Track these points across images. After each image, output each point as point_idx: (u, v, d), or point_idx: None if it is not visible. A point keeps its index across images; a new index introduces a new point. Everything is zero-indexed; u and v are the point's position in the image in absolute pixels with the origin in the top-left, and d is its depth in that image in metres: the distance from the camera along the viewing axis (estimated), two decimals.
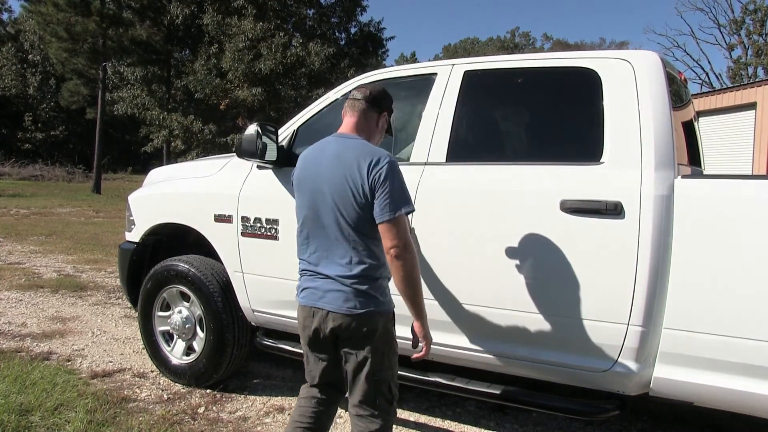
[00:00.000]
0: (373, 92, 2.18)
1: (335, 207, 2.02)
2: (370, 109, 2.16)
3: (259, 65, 21.32)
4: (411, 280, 1.95)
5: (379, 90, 2.22)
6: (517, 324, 2.62)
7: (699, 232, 2.31)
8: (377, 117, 2.18)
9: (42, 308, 5.40)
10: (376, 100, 2.17)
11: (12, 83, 36.05)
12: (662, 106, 2.48)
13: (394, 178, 1.96)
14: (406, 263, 1.92)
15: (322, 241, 2.07)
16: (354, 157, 2.00)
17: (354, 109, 2.16)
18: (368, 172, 1.96)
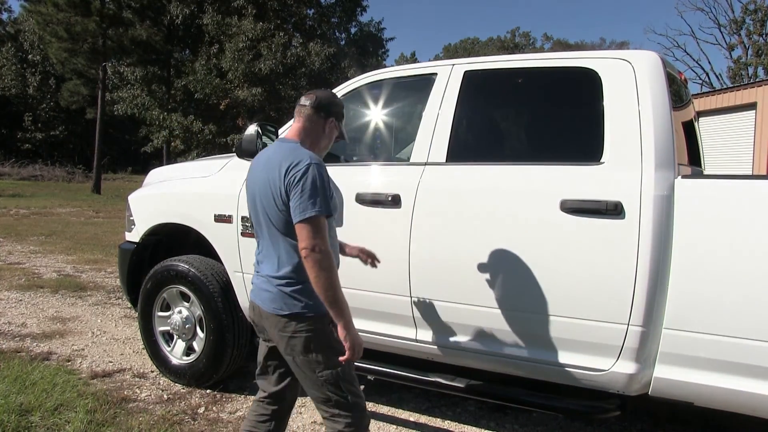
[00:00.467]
0: (319, 98, 2.22)
1: (264, 210, 2.09)
2: (315, 114, 2.18)
3: (259, 65, 21.33)
4: (323, 282, 1.92)
5: (327, 96, 2.25)
6: (517, 324, 2.62)
7: (699, 232, 2.31)
8: (323, 123, 2.20)
9: (42, 308, 5.40)
10: (322, 105, 2.19)
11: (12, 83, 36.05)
12: (662, 106, 2.48)
13: (307, 180, 1.96)
14: (316, 265, 1.91)
15: (263, 241, 2.16)
16: (278, 161, 2.04)
17: (299, 115, 2.21)
18: (285, 174, 2.00)
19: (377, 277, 2.94)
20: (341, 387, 2.06)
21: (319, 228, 1.94)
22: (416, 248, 2.81)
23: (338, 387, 2.06)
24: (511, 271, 2.62)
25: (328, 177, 2.04)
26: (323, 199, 1.97)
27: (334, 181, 2.18)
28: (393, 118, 3.48)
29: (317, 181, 1.97)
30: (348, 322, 1.97)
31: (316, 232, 1.93)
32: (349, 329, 1.97)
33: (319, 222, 1.95)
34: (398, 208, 2.87)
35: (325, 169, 2.03)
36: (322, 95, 2.24)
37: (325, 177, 2.01)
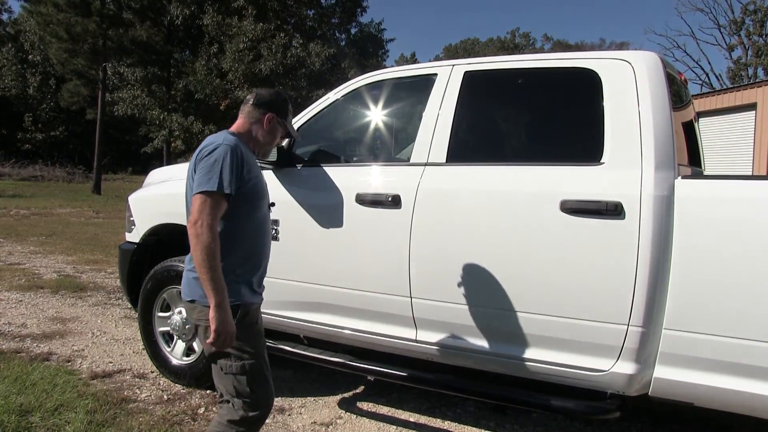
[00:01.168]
0: (260, 94, 2.27)
1: (185, 196, 2.14)
2: (254, 110, 2.22)
3: (259, 66, 21.33)
4: (198, 257, 1.91)
5: (268, 93, 2.29)
6: (516, 324, 2.62)
7: (699, 233, 2.31)
8: (261, 118, 2.22)
9: (42, 309, 5.40)
10: (261, 101, 2.23)
11: (12, 83, 36.03)
12: (662, 106, 2.48)
13: (212, 157, 1.99)
14: (194, 238, 1.91)
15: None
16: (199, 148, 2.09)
17: (242, 112, 2.26)
18: (198, 153, 2.05)
19: (377, 278, 2.94)
20: (239, 380, 2.05)
21: (209, 204, 1.93)
22: (416, 248, 2.82)
23: (236, 380, 2.06)
24: (511, 272, 2.62)
25: (241, 160, 2.03)
26: (222, 177, 1.95)
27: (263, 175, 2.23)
28: (393, 119, 3.48)
29: (222, 160, 1.98)
30: (218, 306, 1.91)
31: (204, 207, 1.93)
32: (218, 314, 1.91)
33: (211, 198, 1.94)
34: (398, 209, 2.87)
35: (240, 152, 2.04)
36: (263, 92, 2.29)
37: (234, 158, 2.00)
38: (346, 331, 3.10)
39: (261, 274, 2.24)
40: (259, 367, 2.12)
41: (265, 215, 2.24)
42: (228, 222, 2.05)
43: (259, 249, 2.19)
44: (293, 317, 3.27)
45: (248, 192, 2.08)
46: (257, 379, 2.11)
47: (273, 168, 3.27)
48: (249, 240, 2.14)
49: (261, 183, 2.19)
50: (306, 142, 3.42)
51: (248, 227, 2.13)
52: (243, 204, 2.08)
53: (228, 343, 1.97)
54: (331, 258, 3.08)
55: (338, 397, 3.58)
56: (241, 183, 2.04)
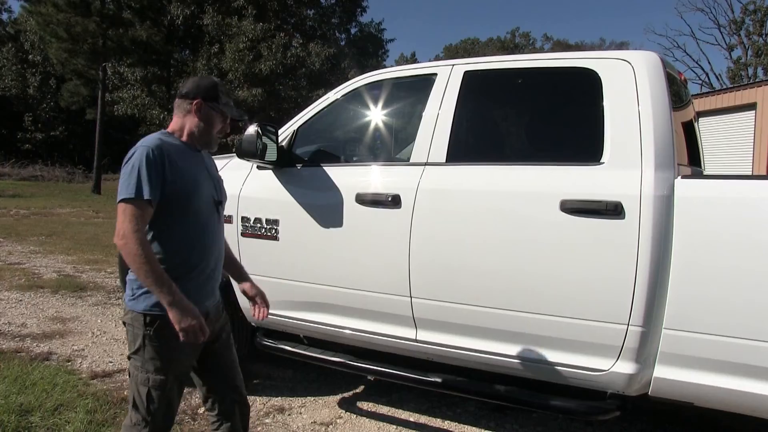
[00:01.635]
0: (184, 83, 2.13)
1: None
2: (182, 101, 2.09)
3: (259, 66, 21.33)
4: (132, 267, 1.88)
5: (194, 79, 2.15)
6: (516, 324, 2.62)
7: (699, 233, 2.31)
8: (189, 106, 2.08)
9: (42, 308, 5.40)
10: (185, 90, 2.10)
11: (12, 83, 36.01)
12: (662, 106, 2.48)
13: (128, 164, 1.91)
14: (122, 250, 1.87)
15: None
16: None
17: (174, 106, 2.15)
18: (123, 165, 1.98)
19: (377, 277, 2.94)
20: (140, 390, 1.97)
21: (127, 212, 1.86)
22: (416, 248, 2.81)
23: (138, 390, 1.98)
24: (511, 272, 2.62)
25: (161, 161, 1.91)
26: (138, 183, 1.86)
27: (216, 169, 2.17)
28: (393, 119, 3.48)
29: (137, 165, 1.88)
30: (171, 304, 1.84)
31: (125, 216, 1.86)
32: (174, 312, 1.85)
33: (130, 205, 1.86)
34: (398, 209, 2.87)
35: (157, 153, 1.91)
36: (189, 81, 2.14)
37: (151, 161, 1.89)
38: (346, 331, 3.10)
39: (202, 281, 2.06)
40: (163, 385, 1.97)
41: (200, 214, 2.04)
42: (157, 226, 1.96)
43: (195, 253, 2.02)
44: (293, 317, 3.27)
45: (175, 193, 1.95)
46: (157, 399, 1.98)
47: (273, 168, 3.27)
48: (181, 243, 2.00)
49: (192, 181, 2.01)
50: (306, 142, 3.42)
51: (179, 230, 1.99)
52: (171, 205, 1.95)
53: (201, 335, 1.89)
54: (330, 258, 3.08)
55: (338, 396, 3.58)
56: (165, 184, 1.92)
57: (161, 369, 1.96)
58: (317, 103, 3.39)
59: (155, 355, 1.96)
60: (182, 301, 1.87)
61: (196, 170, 2.05)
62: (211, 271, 2.09)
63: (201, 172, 2.08)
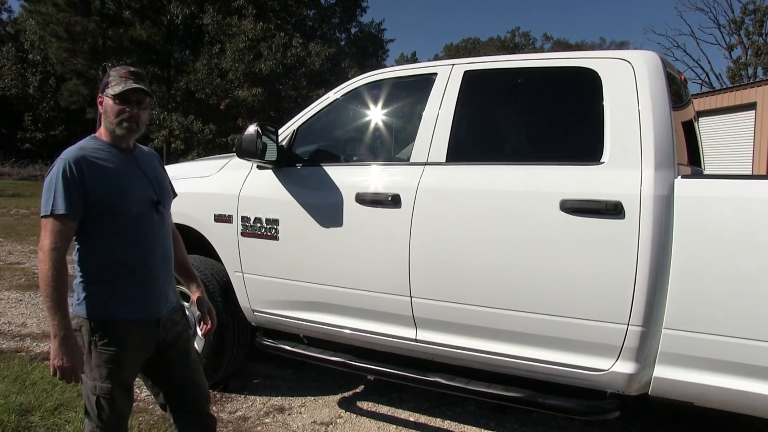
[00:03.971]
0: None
1: None
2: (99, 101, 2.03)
3: (259, 65, 21.33)
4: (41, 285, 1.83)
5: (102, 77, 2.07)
6: (516, 324, 2.62)
7: (699, 232, 2.31)
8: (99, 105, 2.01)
9: (42, 308, 5.39)
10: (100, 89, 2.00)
11: (12, 83, 35.99)
12: (662, 106, 2.48)
13: (48, 178, 1.88)
14: (39, 264, 1.84)
15: None
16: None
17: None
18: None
19: (377, 277, 2.94)
20: (90, 399, 1.96)
21: (47, 228, 1.83)
22: (416, 248, 2.81)
23: (88, 398, 1.96)
24: (510, 271, 2.62)
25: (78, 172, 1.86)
26: (55, 198, 1.83)
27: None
28: (393, 118, 3.48)
29: (54, 180, 1.85)
30: (55, 337, 1.80)
31: (45, 232, 1.83)
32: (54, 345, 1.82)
33: (48, 221, 1.83)
34: (398, 208, 2.87)
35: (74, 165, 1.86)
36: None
37: (67, 174, 1.84)
38: (346, 331, 3.10)
39: (146, 285, 1.99)
40: (110, 393, 1.93)
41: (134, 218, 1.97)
42: (87, 235, 1.92)
43: (132, 258, 1.96)
44: (293, 317, 3.27)
45: (101, 201, 1.89)
46: (108, 408, 1.95)
47: (273, 167, 3.27)
48: (116, 250, 1.94)
49: (119, 186, 1.94)
50: (306, 142, 3.42)
51: (111, 236, 1.93)
52: (99, 213, 1.90)
53: (74, 379, 1.86)
54: (330, 257, 3.08)
55: (338, 396, 3.58)
56: (87, 195, 1.87)
57: (107, 377, 1.93)
58: (317, 102, 3.39)
59: (101, 362, 1.93)
60: (69, 338, 1.83)
61: (124, 173, 1.98)
62: (155, 274, 2.02)
63: (131, 174, 2.00)
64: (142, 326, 1.99)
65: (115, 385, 1.94)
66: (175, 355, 2.11)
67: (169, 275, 2.12)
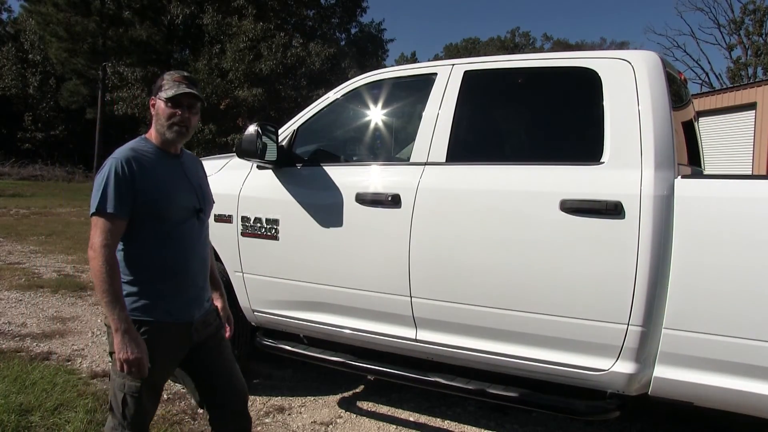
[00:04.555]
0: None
1: None
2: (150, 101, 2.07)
3: (259, 65, 21.34)
4: (95, 282, 1.84)
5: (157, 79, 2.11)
6: (516, 324, 2.62)
7: (699, 232, 2.31)
8: (151, 106, 2.06)
9: (42, 308, 5.40)
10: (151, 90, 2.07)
11: (12, 83, 35.95)
12: (662, 106, 2.48)
13: (98, 178, 1.92)
14: (90, 263, 1.86)
15: None
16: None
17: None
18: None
19: (377, 277, 2.94)
20: (116, 395, 1.97)
21: (98, 225, 1.86)
22: (416, 248, 2.81)
23: (115, 394, 1.98)
24: (510, 271, 2.62)
25: (129, 172, 1.89)
26: (105, 197, 1.87)
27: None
28: (393, 118, 3.48)
29: (104, 179, 1.89)
30: (117, 331, 1.82)
31: (95, 230, 1.87)
32: (117, 339, 1.82)
33: (99, 219, 1.87)
34: (398, 208, 2.87)
35: (125, 164, 1.90)
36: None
37: (118, 173, 1.88)
38: (346, 331, 3.10)
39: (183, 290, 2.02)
40: (138, 392, 1.95)
41: (176, 223, 2.00)
42: (131, 236, 1.94)
43: (172, 262, 1.99)
44: (293, 317, 3.27)
45: (148, 203, 1.93)
46: (132, 405, 1.96)
47: (273, 167, 3.27)
48: (157, 253, 1.97)
49: (165, 191, 1.98)
50: (306, 142, 3.42)
51: (154, 239, 1.97)
52: (145, 215, 1.93)
53: (140, 372, 1.87)
54: (330, 257, 3.08)
55: (338, 396, 3.58)
56: (136, 195, 1.90)
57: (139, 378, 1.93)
58: (317, 102, 3.39)
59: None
60: (131, 331, 1.85)
61: (171, 178, 2.02)
62: (192, 279, 2.05)
63: (177, 179, 2.04)
64: (176, 329, 2.01)
65: (144, 385, 1.96)
66: (209, 354, 2.15)
67: (205, 281, 2.16)
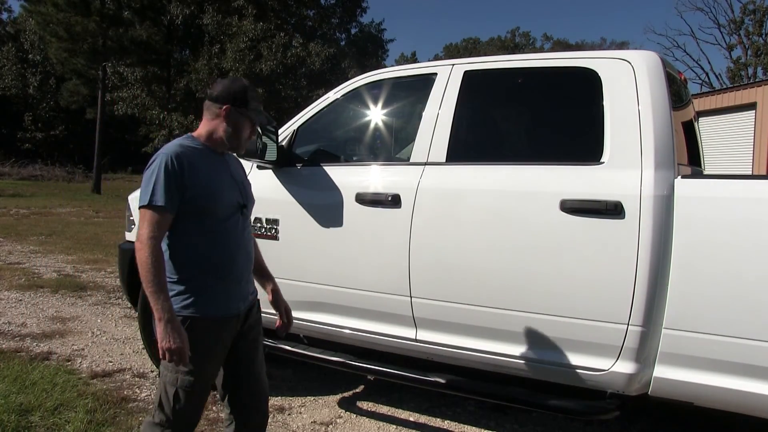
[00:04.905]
0: (216, 87, 2.12)
1: None
2: (212, 105, 2.09)
3: (259, 65, 21.33)
4: (141, 273, 1.87)
5: (225, 83, 2.13)
6: (516, 324, 2.62)
7: (699, 233, 2.31)
8: (219, 112, 2.07)
9: (42, 308, 5.40)
10: (215, 94, 2.10)
11: (12, 83, 35.98)
12: (662, 106, 2.48)
13: (148, 171, 1.95)
14: (136, 253, 1.89)
15: None
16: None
17: (204, 110, 2.14)
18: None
19: (377, 277, 2.95)
20: (167, 391, 1.99)
21: (146, 218, 1.89)
22: (416, 248, 2.81)
23: (166, 389, 1.99)
24: (510, 271, 2.62)
25: (179, 168, 1.93)
26: (154, 190, 1.89)
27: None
28: (393, 118, 3.48)
29: (154, 173, 1.92)
30: (161, 320, 1.84)
31: (143, 222, 1.89)
32: (161, 328, 1.84)
33: (147, 212, 1.90)
34: (398, 208, 2.87)
35: (175, 160, 1.93)
36: (219, 83, 2.13)
37: (168, 168, 1.91)
38: (346, 331, 3.10)
39: (229, 283, 2.06)
40: (192, 387, 1.99)
41: (223, 219, 2.04)
42: (180, 231, 1.97)
43: (219, 256, 2.02)
44: (293, 317, 3.26)
45: (196, 198, 1.95)
46: (184, 401, 1.99)
47: (273, 167, 3.27)
48: (205, 248, 2.00)
49: (213, 187, 2.02)
50: (306, 142, 3.42)
51: (202, 234, 1.99)
52: (192, 210, 1.96)
53: (182, 360, 1.88)
54: (330, 257, 3.08)
55: (338, 396, 3.58)
56: (185, 190, 1.93)
57: (191, 371, 1.97)
58: (317, 102, 3.39)
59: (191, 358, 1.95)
60: (174, 320, 1.87)
61: (218, 175, 2.06)
62: (238, 274, 2.09)
63: (223, 176, 2.08)
64: (225, 323, 2.06)
65: (198, 379, 2.00)
66: (245, 348, 2.17)
67: (250, 275, 2.22)
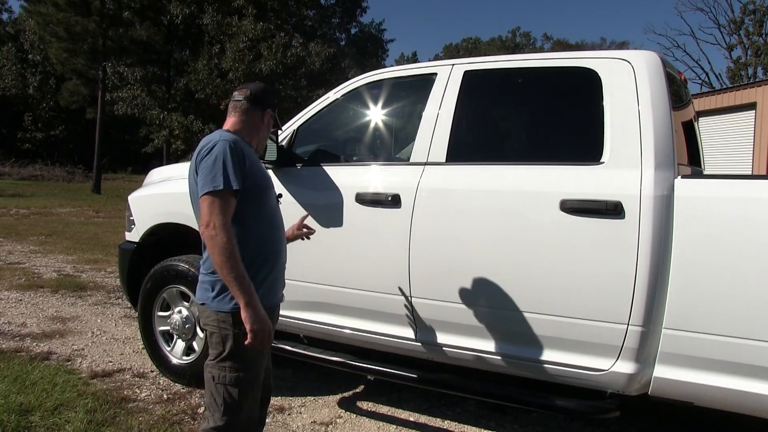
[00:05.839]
0: (254, 91, 2.17)
1: (191, 200, 2.10)
2: (253, 108, 2.14)
3: (259, 65, 21.34)
4: (216, 260, 1.87)
5: (261, 88, 2.20)
6: (516, 324, 2.62)
7: (699, 232, 2.31)
8: (261, 115, 2.16)
9: (42, 308, 5.40)
10: (258, 98, 2.15)
11: (12, 83, 35.98)
12: (662, 106, 2.48)
13: (211, 156, 1.93)
14: (210, 241, 1.87)
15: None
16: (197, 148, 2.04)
17: (236, 110, 2.16)
18: (197, 155, 1.99)
19: (377, 277, 2.95)
20: (222, 390, 2.00)
21: (217, 204, 1.88)
22: (416, 248, 2.81)
23: (220, 391, 2.01)
24: (511, 271, 2.62)
25: (242, 155, 1.97)
26: (225, 174, 1.90)
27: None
28: (393, 118, 3.48)
29: (221, 157, 1.92)
30: (248, 305, 1.87)
31: (213, 208, 1.88)
32: (249, 312, 1.87)
33: (218, 197, 1.89)
34: (398, 208, 2.87)
35: (238, 147, 1.97)
36: (256, 88, 2.19)
37: (234, 154, 1.94)
38: (346, 331, 3.10)
39: (276, 274, 2.12)
40: (253, 382, 2.04)
41: (274, 209, 2.15)
42: (237, 219, 1.97)
43: (272, 246, 2.09)
44: (293, 317, 3.27)
45: (253, 187, 2.00)
46: (249, 397, 2.03)
47: (273, 167, 3.27)
48: (260, 238, 2.04)
49: (265, 176, 2.13)
50: (306, 142, 3.42)
51: (257, 224, 2.03)
52: (249, 200, 2.00)
53: (267, 341, 1.92)
54: (330, 257, 3.08)
55: (338, 396, 3.58)
56: (245, 178, 1.96)
57: (252, 367, 2.00)
58: (317, 102, 3.39)
59: (246, 352, 1.98)
60: (258, 303, 1.90)
61: (263, 166, 2.13)
62: (283, 263, 2.18)
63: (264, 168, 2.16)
64: (273, 311, 2.11)
65: (255, 374, 2.03)
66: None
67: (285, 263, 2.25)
